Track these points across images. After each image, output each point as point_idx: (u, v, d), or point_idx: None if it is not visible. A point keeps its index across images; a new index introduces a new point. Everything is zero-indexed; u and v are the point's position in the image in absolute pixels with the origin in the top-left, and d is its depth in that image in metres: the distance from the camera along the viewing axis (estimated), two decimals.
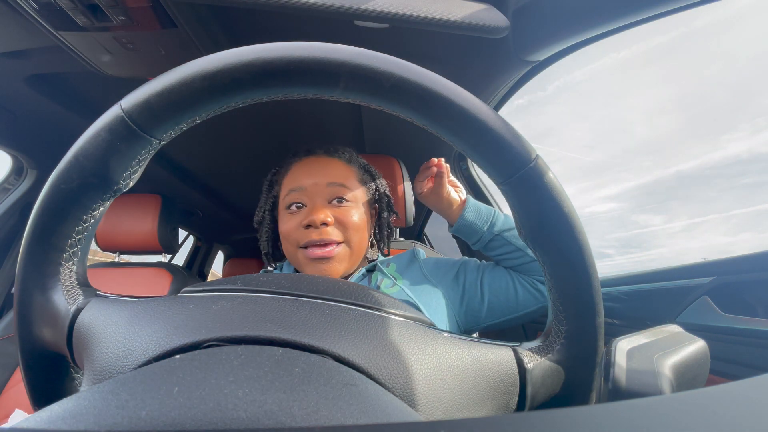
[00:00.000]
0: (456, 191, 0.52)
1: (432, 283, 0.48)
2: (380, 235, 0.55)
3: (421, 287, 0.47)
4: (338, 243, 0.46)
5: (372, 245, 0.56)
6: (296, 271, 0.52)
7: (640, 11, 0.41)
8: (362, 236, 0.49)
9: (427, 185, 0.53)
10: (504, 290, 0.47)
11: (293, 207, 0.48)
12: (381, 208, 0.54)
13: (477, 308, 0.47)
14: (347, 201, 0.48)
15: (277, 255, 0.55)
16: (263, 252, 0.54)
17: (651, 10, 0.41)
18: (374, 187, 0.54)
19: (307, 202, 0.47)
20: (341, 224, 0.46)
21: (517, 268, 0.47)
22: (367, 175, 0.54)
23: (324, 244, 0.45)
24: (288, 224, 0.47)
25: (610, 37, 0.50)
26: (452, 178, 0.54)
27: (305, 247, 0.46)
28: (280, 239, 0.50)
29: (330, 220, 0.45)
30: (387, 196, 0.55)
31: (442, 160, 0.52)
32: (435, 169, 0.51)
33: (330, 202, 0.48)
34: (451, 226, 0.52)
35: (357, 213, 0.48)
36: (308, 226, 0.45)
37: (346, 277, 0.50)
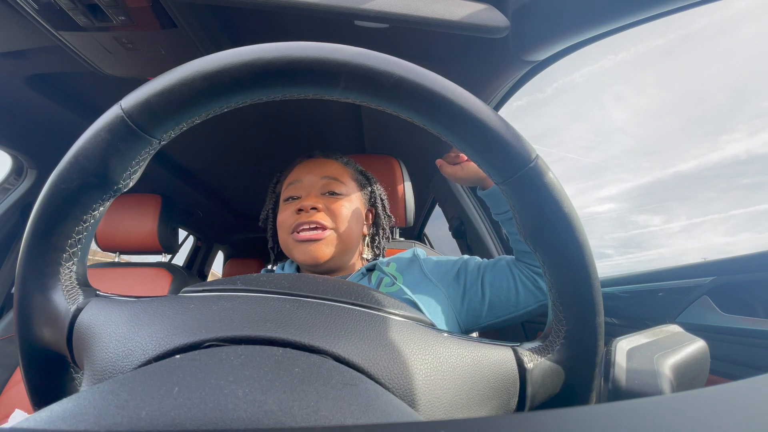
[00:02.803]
0: None
1: (433, 282, 0.48)
2: (376, 235, 0.58)
3: (422, 286, 0.47)
4: (326, 228, 0.48)
5: (367, 245, 0.57)
6: (298, 270, 0.54)
7: (639, 11, 0.41)
8: (351, 228, 0.50)
9: (454, 166, 0.50)
10: (505, 289, 0.47)
11: (290, 199, 0.52)
12: (377, 211, 0.57)
13: (478, 307, 0.47)
14: (339, 194, 0.51)
15: (281, 250, 0.58)
16: (270, 247, 0.58)
17: (650, 10, 0.41)
18: (370, 189, 0.57)
19: (302, 194, 0.51)
20: (331, 213, 0.49)
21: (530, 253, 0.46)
22: (363, 178, 0.57)
23: (313, 227, 0.48)
24: (284, 213, 0.51)
25: (609, 40, 0.50)
26: None
27: (296, 232, 0.48)
28: (278, 231, 0.52)
29: (320, 206, 0.48)
30: (382, 199, 0.58)
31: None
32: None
33: (323, 194, 0.51)
34: (481, 189, 0.49)
35: (347, 206, 0.51)
36: (299, 211, 0.48)
37: (342, 273, 0.52)
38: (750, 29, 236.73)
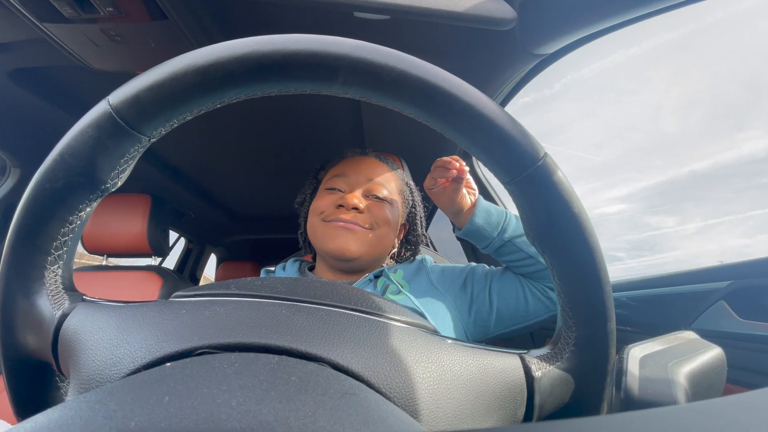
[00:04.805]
0: (469, 194, 0.48)
1: (440, 291, 0.47)
2: (405, 248, 0.57)
3: (428, 296, 0.46)
4: (363, 227, 0.48)
5: (392, 257, 0.56)
6: (301, 270, 0.53)
7: (651, 3, 0.40)
8: (387, 234, 0.50)
9: (440, 184, 0.48)
10: (513, 299, 0.46)
11: (332, 190, 0.51)
12: (414, 224, 0.57)
13: (486, 317, 0.46)
14: (382, 198, 0.51)
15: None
16: (300, 232, 0.58)
17: (663, 1, 0.39)
18: (411, 203, 0.56)
19: (345, 189, 0.51)
20: (371, 214, 0.49)
21: (528, 276, 0.46)
22: (407, 190, 0.57)
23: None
24: (322, 200, 0.50)
25: (619, 33, 0.48)
26: (469, 178, 0.49)
27: (330, 221, 0.48)
28: (308, 216, 0.52)
29: (362, 206, 0.48)
30: (421, 217, 0.57)
31: (464, 163, 0.48)
32: (455, 172, 0.46)
33: (366, 197, 0.50)
34: (458, 229, 0.49)
35: (389, 211, 0.50)
36: (340, 207, 0.48)
37: (358, 273, 0.51)
38: (765, 23, 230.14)
